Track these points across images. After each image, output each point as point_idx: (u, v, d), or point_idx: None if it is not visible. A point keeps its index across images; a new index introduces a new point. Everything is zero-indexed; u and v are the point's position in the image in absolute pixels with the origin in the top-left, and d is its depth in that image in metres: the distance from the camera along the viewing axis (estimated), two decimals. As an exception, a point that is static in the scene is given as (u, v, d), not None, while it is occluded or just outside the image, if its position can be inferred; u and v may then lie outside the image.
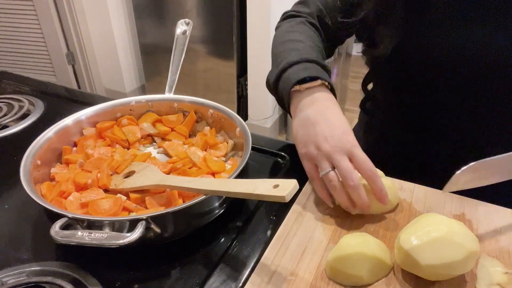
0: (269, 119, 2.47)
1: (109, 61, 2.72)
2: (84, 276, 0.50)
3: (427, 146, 0.76)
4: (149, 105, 0.77)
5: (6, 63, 2.75)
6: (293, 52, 0.63)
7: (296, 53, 0.63)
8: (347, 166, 0.52)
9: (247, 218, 0.61)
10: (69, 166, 0.67)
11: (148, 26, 2.50)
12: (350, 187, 0.52)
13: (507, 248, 0.52)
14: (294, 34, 0.69)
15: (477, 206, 0.59)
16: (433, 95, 0.69)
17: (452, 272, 0.46)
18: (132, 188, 0.60)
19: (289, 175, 0.70)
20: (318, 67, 0.62)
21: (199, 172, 0.64)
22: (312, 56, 0.63)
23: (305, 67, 0.61)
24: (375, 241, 0.49)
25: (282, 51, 0.66)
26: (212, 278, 0.51)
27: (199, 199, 0.52)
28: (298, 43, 0.66)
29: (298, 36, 0.68)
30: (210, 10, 2.26)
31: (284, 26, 0.73)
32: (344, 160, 0.53)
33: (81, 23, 2.60)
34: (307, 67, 0.61)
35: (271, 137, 0.82)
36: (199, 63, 2.45)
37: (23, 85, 1.03)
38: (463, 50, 0.62)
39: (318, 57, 0.64)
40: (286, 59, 0.62)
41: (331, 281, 0.48)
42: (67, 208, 0.56)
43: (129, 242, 0.46)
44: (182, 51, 0.78)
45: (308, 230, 0.56)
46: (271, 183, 0.45)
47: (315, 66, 0.62)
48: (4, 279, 0.50)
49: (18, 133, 0.83)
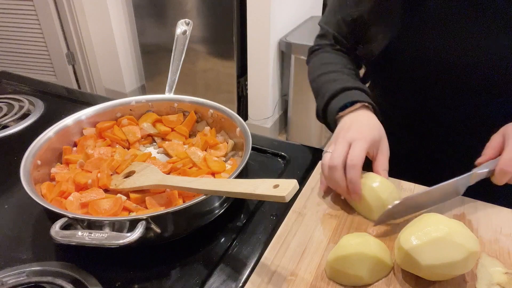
0: (269, 119, 2.47)
1: (109, 61, 2.72)
2: (84, 276, 0.51)
3: (426, 146, 0.76)
4: (149, 105, 0.77)
5: (6, 63, 2.75)
6: (331, 84, 0.68)
7: (334, 84, 0.68)
8: (338, 149, 0.56)
9: (247, 218, 0.61)
10: (69, 166, 0.67)
11: (148, 26, 2.50)
12: (329, 168, 0.56)
13: (507, 248, 0.52)
14: (326, 66, 0.74)
15: (477, 206, 0.59)
16: (428, 96, 0.70)
17: (452, 272, 0.46)
18: (132, 188, 0.60)
19: (289, 175, 0.70)
20: (356, 91, 0.66)
21: (199, 172, 0.64)
22: (349, 83, 0.67)
23: (345, 95, 0.65)
24: (375, 241, 0.49)
25: (321, 85, 0.71)
26: (212, 278, 0.51)
27: (199, 199, 0.52)
28: (333, 73, 0.71)
29: (331, 67, 0.73)
30: (210, 10, 2.26)
31: (315, 61, 0.79)
32: (341, 144, 0.57)
33: (81, 23, 2.60)
34: (347, 95, 0.65)
35: (271, 137, 0.82)
36: (199, 63, 2.45)
37: (23, 85, 1.03)
38: (456, 51, 0.63)
39: (354, 82, 0.68)
40: (328, 92, 0.68)
41: (331, 281, 0.48)
42: (67, 208, 0.56)
43: (129, 242, 0.46)
44: (182, 51, 0.78)
45: (308, 230, 0.56)
46: (271, 183, 0.45)
47: (353, 92, 0.66)
48: (4, 279, 0.50)
49: (18, 133, 0.83)
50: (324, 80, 0.71)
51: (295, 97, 2.34)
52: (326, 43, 0.80)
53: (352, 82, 0.68)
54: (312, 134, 2.42)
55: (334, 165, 0.56)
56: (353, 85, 0.67)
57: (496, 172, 0.53)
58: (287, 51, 2.23)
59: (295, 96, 2.34)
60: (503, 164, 0.52)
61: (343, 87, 0.66)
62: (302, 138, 2.46)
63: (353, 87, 0.66)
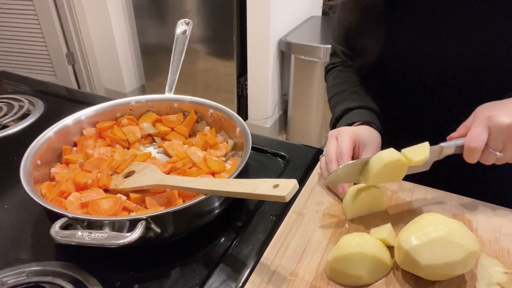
0: (269, 119, 2.47)
1: (109, 61, 2.72)
2: (84, 276, 0.51)
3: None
4: (149, 105, 0.77)
5: (6, 63, 2.75)
6: (337, 107, 0.73)
7: (340, 106, 0.72)
8: (328, 146, 0.61)
9: (247, 218, 0.61)
10: (69, 166, 0.67)
11: (148, 26, 2.49)
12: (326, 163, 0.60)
13: (507, 248, 0.52)
14: (337, 86, 0.78)
15: (477, 206, 0.59)
16: (419, 104, 0.71)
17: (452, 272, 0.46)
18: (132, 188, 0.60)
19: (289, 175, 0.70)
20: (357, 111, 0.69)
21: (199, 172, 0.64)
22: (353, 103, 0.70)
23: (347, 117, 0.69)
24: (375, 241, 0.49)
25: (332, 107, 0.75)
26: (212, 278, 0.51)
27: (199, 199, 0.52)
28: (342, 94, 0.75)
29: (341, 87, 0.77)
30: (210, 10, 2.26)
31: (330, 80, 0.82)
32: (330, 141, 0.62)
33: (81, 23, 2.60)
34: (348, 116, 0.69)
35: (271, 137, 0.82)
36: (199, 63, 2.45)
37: (23, 85, 1.03)
38: (438, 60, 0.64)
39: (359, 101, 0.71)
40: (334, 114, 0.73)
41: (331, 281, 0.48)
42: (67, 208, 0.56)
43: (129, 242, 0.46)
44: (182, 51, 0.78)
45: (308, 230, 0.56)
46: (271, 183, 0.45)
47: (354, 112, 0.69)
48: (4, 279, 0.50)
49: (18, 133, 0.83)
50: (334, 102, 0.76)
51: (295, 97, 2.34)
52: (338, 60, 0.82)
53: (357, 102, 0.70)
54: (312, 134, 2.42)
55: (329, 159, 0.60)
56: (356, 105, 0.70)
57: (464, 148, 0.53)
58: (287, 51, 2.23)
59: (295, 96, 2.34)
60: (468, 140, 0.52)
61: (345, 109, 0.70)
62: (302, 138, 2.46)
63: (355, 107, 0.69)
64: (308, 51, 2.12)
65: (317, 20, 2.50)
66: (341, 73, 0.80)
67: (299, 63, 2.20)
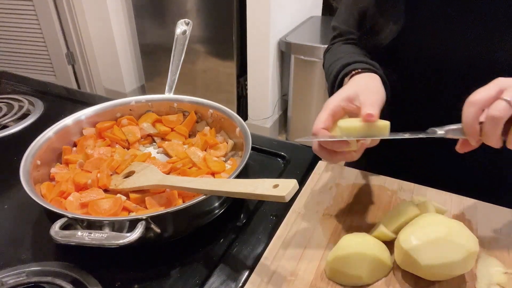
0: (269, 119, 2.47)
1: (109, 61, 2.72)
2: (84, 276, 0.51)
3: (428, 146, 0.75)
4: (149, 105, 0.77)
5: (6, 63, 2.75)
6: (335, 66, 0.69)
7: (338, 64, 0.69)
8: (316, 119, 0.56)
9: (247, 218, 0.61)
10: (69, 166, 0.67)
11: (148, 26, 2.49)
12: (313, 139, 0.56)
13: (507, 248, 0.52)
14: (336, 55, 0.75)
15: (477, 206, 0.59)
16: (429, 93, 0.69)
17: (452, 272, 0.46)
18: (132, 188, 0.60)
19: (289, 175, 0.70)
20: (355, 64, 0.65)
21: (199, 172, 0.64)
22: (351, 59, 0.67)
23: (347, 70, 0.65)
24: (375, 241, 0.49)
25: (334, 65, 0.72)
26: (212, 278, 0.51)
27: (199, 199, 0.52)
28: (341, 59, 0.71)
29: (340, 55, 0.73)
30: (210, 10, 2.26)
31: (328, 57, 0.79)
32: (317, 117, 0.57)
33: (81, 23, 2.60)
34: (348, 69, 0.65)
35: (271, 137, 0.82)
36: (199, 63, 2.45)
37: (23, 85, 1.03)
38: (454, 48, 0.63)
39: (357, 58, 0.67)
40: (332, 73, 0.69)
41: (331, 281, 0.48)
42: (67, 208, 0.56)
43: (129, 242, 0.46)
44: (182, 51, 0.78)
45: (308, 230, 0.56)
46: (271, 183, 0.45)
47: (352, 66, 0.65)
48: (4, 279, 0.50)
49: (18, 133, 0.83)
50: (333, 67, 0.72)
51: (295, 97, 2.34)
52: (342, 38, 0.80)
53: (355, 58, 0.67)
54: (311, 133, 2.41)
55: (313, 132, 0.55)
56: (357, 59, 0.66)
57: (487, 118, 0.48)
58: (287, 51, 2.23)
59: (295, 96, 2.34)
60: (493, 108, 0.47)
61: (344, 64, 0.66)
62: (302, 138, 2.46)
63: (355, 61, 0.66)
64: (308, 51, 2.12)
65: (317, 20, 2.50)
66: (341, 47, 0.78)
67: (299, 63, 2.20)
